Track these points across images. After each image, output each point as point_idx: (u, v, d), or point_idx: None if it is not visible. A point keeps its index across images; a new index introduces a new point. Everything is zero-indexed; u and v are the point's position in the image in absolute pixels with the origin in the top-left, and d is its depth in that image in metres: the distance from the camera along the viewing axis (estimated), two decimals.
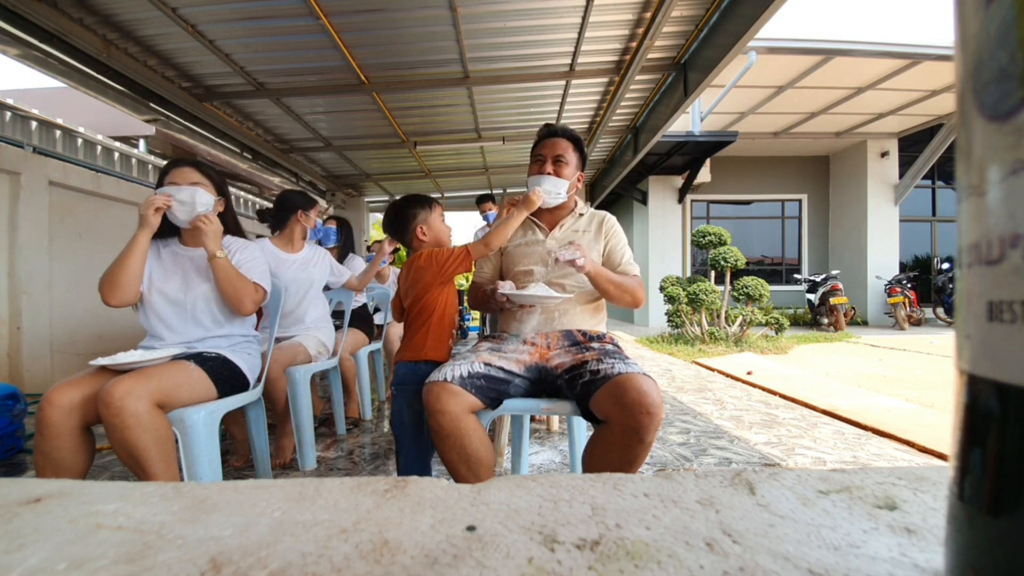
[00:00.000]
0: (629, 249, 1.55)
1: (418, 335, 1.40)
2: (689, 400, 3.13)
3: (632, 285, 1.43)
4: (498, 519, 0.29)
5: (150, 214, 1.40)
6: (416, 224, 1.47)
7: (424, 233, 1.48)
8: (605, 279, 1.38)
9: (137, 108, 3.81)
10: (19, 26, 2.68)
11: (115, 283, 1.39)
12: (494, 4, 2.97)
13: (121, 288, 1.40)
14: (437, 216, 1.50)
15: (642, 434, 1.01)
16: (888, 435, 2.30)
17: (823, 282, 7.74)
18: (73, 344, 3.56)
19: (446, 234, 1.52)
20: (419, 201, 1.50)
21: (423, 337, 1.39)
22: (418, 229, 1.47)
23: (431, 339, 1.39)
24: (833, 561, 0.24)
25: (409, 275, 1.45)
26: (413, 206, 1.49)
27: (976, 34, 0.17)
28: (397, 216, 1.49)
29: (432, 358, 1.38)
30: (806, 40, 5.57)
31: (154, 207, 1.40)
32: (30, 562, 0.24)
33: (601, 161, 6.85)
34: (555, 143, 1.49)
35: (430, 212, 1.49)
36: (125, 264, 1.40)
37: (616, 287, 1.40)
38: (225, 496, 0.32)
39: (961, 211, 0.19)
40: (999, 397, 0.17)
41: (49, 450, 1.19)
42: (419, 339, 1.39)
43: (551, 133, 1.52)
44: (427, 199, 1.51)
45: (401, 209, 1.49)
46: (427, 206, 1.49)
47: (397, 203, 1.52)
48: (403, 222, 1.47)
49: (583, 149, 1.54)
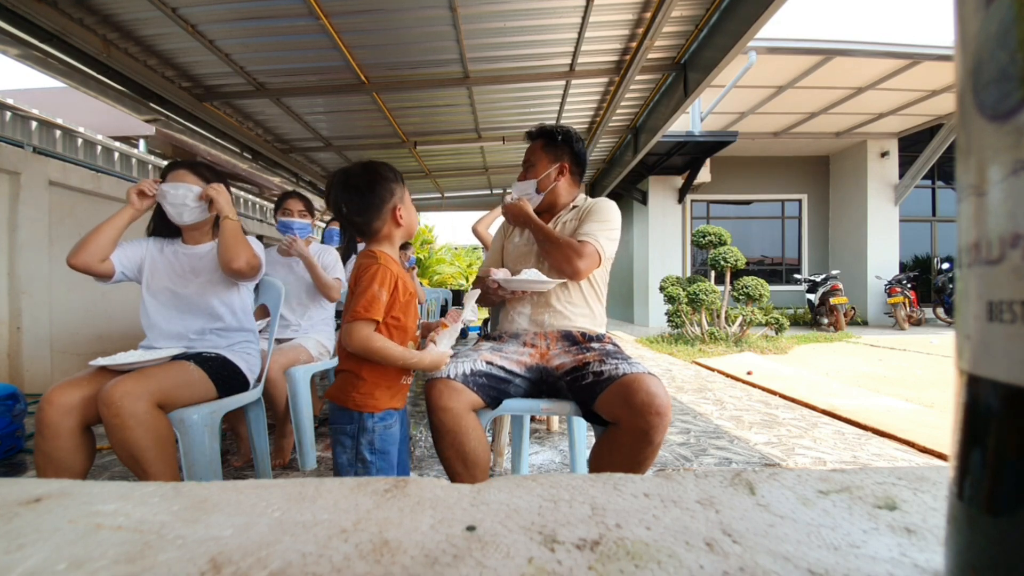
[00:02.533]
0: (600, 228, 1.43)
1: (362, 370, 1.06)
2: (689, 400, 3.13)
3: (567, 242, 1.38)
4: (498, 519, 0.29)
5: (134, 196, 1.47)
6: (395, 203, 1.11)
7: (401, 216, 1.13)
8: (537, 228, 1.44)
9: (137, 108, 3.81)
10: (19, 26, 2.68)
11: (81, 244, 1.43)
12: (494, 4, 2.96)
13: (85, 249, 1.42)
14: (409, 196, 1.17)
15: (652, 435, 1.01)
16: (888, 435, 2.30)
17: (823, 282, 7.74)
18: (73, 344, 3.55)
19: (416, 221, 1.20)
20: (395, 172, 1.14)
21: (370, 376, 1.05)
22: (397, 210, 1.11)
23: (380, 385, 1.06)
24: (833, 561, 0.24)
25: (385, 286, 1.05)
26: (390, 177, 1.11)
27: (976, 34, 0.17)
28: (370, 185, 1.08)
29: (383, 407, 1.07)
30: (806, 40, 5.58)
31: (138, 190, 1.47)
32: (30, 562, 0.24)
33: (601, 161, 6.85)
34: (528, 149, 1.56)
35: (405, 190, 1.15)
36: (98, 229, 1.45)
37: (548, 240, 1.41)
38: (225, 496, 0.32)
39: (961, 211, 0.19)
40: (999, 397, 0.17)
41: (49, 450, 1.19)
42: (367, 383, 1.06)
43: (528, 138, 1.58)
44: (398, 172, 1.15)
45: (376, 175, 1.09)
46: (400, 179, 1.14)
47: (368, 167, 1.10)
48: (377, 195, 1.08)
49: (560, 139, 1.52)
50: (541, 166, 1.52)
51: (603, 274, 1.51)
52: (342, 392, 1.07)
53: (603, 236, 1.41)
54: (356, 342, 1.02)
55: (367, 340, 1.02)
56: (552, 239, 1.40)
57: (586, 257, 1.36)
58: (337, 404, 1.08)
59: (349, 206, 1.09)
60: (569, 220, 1.52)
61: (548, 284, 1.37)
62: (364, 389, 1.06)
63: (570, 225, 1.50)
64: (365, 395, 1.06)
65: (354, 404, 1.05)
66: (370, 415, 1.06)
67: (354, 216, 1.10)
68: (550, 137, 1.53)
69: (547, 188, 1.52)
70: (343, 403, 1.06)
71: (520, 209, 1.48)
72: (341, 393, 1.07)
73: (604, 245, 1.40)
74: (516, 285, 1.38)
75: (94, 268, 1.44)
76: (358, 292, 1.04)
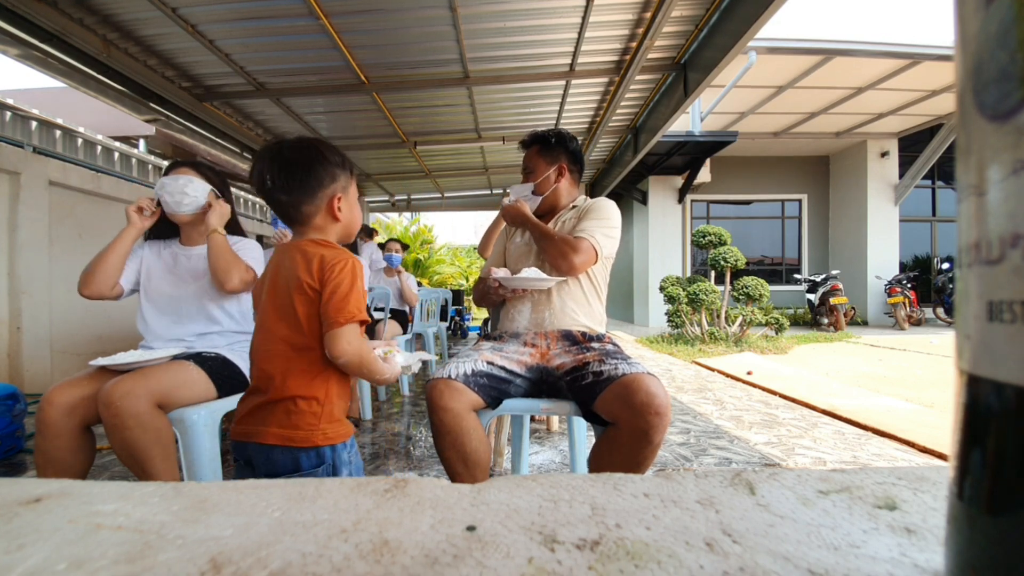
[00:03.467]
0: (597, 225, 1.43)
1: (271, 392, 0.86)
2: (689, 400, 3.13)
3: (562, 238, 1.39)
4: (498, 519, 0.29)
5: (132, 213, 1.46)
6: (335, 191, 0.93)
7: (340, 210, 0.94)
8: (534, 226, 1.47)
9: (137, 108, 3.81)
10: (19, 26, 2.68)
11: (90, 273, 1.42)
12: (494, 4, 2.96)
13: (95, 279, 1.42)
14: (356, 192, 1.01)
15: (651, 435, 1.01)
16: (888, 435, 2.30)
17: (823, 282, 7.74)
18: (73, 344, 3.55)
19: (359, 222, 1.03)
20: (343, 158, 0.96)
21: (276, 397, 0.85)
22: (336, 199, 0.93)
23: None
24: (833, 561, 0.24)
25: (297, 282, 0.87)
26: (335, 161, 0.93)
27: (976, 34, 0.17)
28: (307, 163, 0.90)
29: (350, 431, 0.91)
30: (806, 40, 5.57)
31: (137, 207, 1.46)
32: (30, 562, 0.24)
33: (601, 161, 6.85)
34: (524, 157, 1.60)
35: (351, 179, 0.98)
36: (104, 256, 1.44)
37: (544, 237, 1.44)
38: (225, 496, 0.32)
39: (961, 211, 0.19)
40: (999, 397, 0.17)
41: (49, 450, 1.19)
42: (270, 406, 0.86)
43: (522, 147, 1.61)
44: (347, 159, 0.98)
45: (317, 154, 0.91)
46: (349, 169, 0.97)
47: (309, 143, 0.92)
48: (314, 176, 0.90)
49: (554, 141, 1.55)
50: (540, 170, 1.55)
51: (603, 273, 1.51)
52: (298, 428, 0.84)
53: (599, 232, 1.41)
54: (353, 349, 0.84)
55: (362, 346, 0.87)
56: (548, 235, 1.43)
57: (581, 252, 1.36)
58: (295, 447, 0.84)
59: (276, 180, 0.89)
60: (569, 220, 1.53)
61: (548, 282, 1.39)
62: (335, 415, 0.88)
63: (569, 224, 1.51)
64: (336, 422, 0.88)
65: (324, 438, 0.85)
66: (343, 445, 0.88)
67: (279, 193, 0.90)
68: (544, 142, 1.56)
69: (548, 190, 1.54)
70: (304, 443, 0.84)
71: (517, 210, 1.51)
72: (297, 431, 0.84)
73: (601, 241, 1.40)
74: (516, 284, 1.39)
75: (106, 295, 1.46)
76: (340, 292, 0.85)
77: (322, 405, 0.86)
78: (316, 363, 0.87)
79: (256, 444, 0.85)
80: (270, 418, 0.85)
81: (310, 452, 0.84)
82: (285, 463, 0.84)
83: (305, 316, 0.86)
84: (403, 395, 3.32)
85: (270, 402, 0.85)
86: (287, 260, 0.90)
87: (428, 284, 10.07)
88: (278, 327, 0.87)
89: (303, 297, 0.86)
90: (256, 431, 0.85)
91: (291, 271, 0.88)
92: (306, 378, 0.86)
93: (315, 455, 0.85)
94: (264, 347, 0.89)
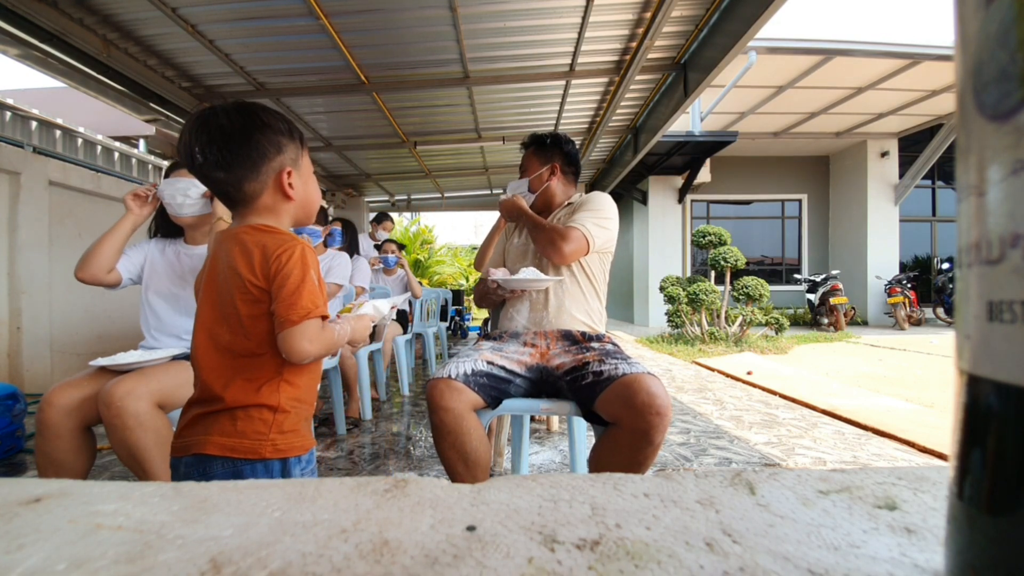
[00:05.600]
0: (589, 216, 1.42)
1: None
2: (689, 400, 3.13)
3: (552, 227, 1.41)
4: (498, 519, 0.29)
5: (130, 201, 1.47)
6: (282, 163, 0.79)
7: (292, 186, 0.81)
8: (528, 217, 1.50)
9: (137, 108, 3.81)
10: (19, 26, 2.68)
11: (87, 257, 1.43)
12: (494, 4, 2.96)
13: (90, 263, 1.43)
14: (309, 164, 0.87)
15: (652, 435, 1.01)
16: (888, 435, 2.30)
17: (823, 282, 7.74)
18: (73, 344, 3.55)
19: (318, 199, 0.90)
20: (288, 124, 0.82)
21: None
22: (285, 174, 0.80)
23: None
24: (833, 561, 0.24)
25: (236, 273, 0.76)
26: (278, 128, 0.79)
27: (976, 34, 0.17)
28: (244, 130, 0.75)
29: (309, 444, 0.81)
30: (806, 40, 5.57)
31: (133, 194, 1.47)
32: (30, 562, 0.24)
33: (601, 161, 6.85)
34: (522, 158, 1.66)
35: (302, 150, 0.84)
36: (101, 241, 1.45)
37: (535, 227, 1.46)
38: (225, 496, 0.32)
39: (961, 211, 0.19)
40: (999, 397, 0.17)
41: (50, 450, 1.19)
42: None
43: (522, 149, 1.68)
44: (294, 126, 0.83)
45: (255, 119, 0.77)
46: (298, 138, 0.83)
47: (246, 107, 0.78)
48: (253, 146, 0.76)
49: (549, 142, 1.61)
50: (532, 168, 1.61)
51: (602, 271, 1.52)
52: (244, 437, 0.74)
53: (591, 223, 1.41)
54: (317, 348, 0.75)
55: (327, 340, 0.77)
56: (539, 226, 1.45)
57: (571, 241, 1.36)
58: (237, 458, 0.73)
59: (207, 153, 0.74)
60: (564, 215, 1.56)
61: (546, 282, 1.40)
62: (288, 424, 0.76)
63: (564, 220, 1.53)
64: (290, 432, 0.77)
65: (273, 450, 0.74)
66: (297, 460, 0.77)
67: (214, 170, 0.75)
68: (539, 143, 1.62)
69: (540, 187, 1.59)
70: (249, 454, 0.73)
71: (513, 203, 1.55)
72: (243, 439, 0.73)
73: (592, 231, 1.39)
74: (514, 284, 1.40)
75: (102, 280, 1.46)
76: (290, 285, 0.73)
77: (275, 412, 0.75)
78: (266, 368, 0.76)
79: (191, 457, 0.74)
80: (213, 427, 0.74)
81: (255, 465, 0.73)
82: (224, 478, 0.69)
83: (249, 317, 0.75)
84: (403, 395, 3.32)
85: (214, 412, 0.75)
86: (223, 252, 0.77)
87: (428, 284, 10.06)
88: (219, 331, 0.76)
89: (245, 297, 0.75)
90: (196, 441, 0.74)
91: (229, 266, 0.75)
92: (253, 386, 0.75)
93: (261, 468, 0.73)
94: (204, 353, 0.77)
